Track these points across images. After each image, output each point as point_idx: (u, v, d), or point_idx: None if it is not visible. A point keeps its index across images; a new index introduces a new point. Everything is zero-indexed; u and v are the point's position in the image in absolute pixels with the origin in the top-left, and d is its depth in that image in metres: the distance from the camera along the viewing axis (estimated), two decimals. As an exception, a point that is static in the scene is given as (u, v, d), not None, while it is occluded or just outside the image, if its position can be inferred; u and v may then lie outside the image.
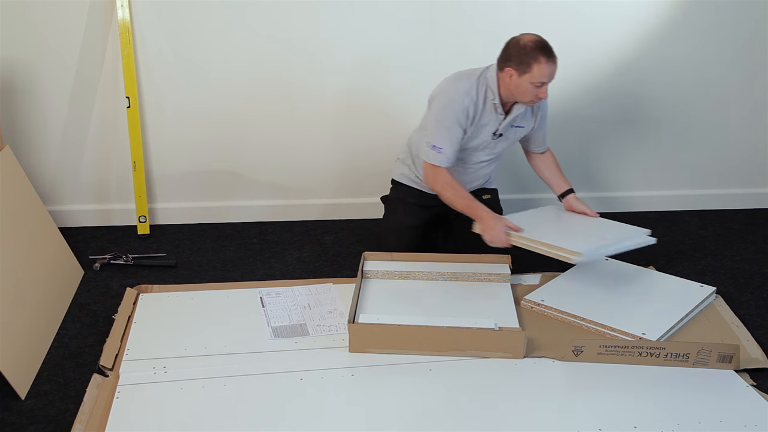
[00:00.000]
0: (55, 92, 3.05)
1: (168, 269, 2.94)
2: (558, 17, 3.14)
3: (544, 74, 2.51)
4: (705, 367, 2.31)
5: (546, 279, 2.78)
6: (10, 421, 2.09)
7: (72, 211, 3.26)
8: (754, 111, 3.45)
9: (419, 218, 2.86)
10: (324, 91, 3.18)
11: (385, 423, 2.06)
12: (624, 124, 3.41)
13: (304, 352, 2.36)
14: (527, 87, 2.54)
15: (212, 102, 3.15)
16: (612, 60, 3.26)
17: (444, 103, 2.61)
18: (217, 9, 2.99)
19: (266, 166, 3.31)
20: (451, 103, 2.60)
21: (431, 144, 2.62)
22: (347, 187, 3.38)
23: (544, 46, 2.50)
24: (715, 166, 3.56)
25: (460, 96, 2.59)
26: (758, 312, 2.72)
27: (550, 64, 2.51)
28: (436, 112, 2.63)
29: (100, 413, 2.06)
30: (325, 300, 2.66)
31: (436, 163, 2.63)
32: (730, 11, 3.22)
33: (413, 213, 2.86)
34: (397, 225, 2.83)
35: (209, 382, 2.20)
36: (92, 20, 2.95)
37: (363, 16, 3.06)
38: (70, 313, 2.62)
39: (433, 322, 2.36)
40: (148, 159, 3.21)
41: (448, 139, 2.61)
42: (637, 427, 2.05)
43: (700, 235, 3.35)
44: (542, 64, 2.49)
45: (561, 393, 2.21)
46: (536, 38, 2.52)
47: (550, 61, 2.50)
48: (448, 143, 2.61)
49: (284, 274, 2.92)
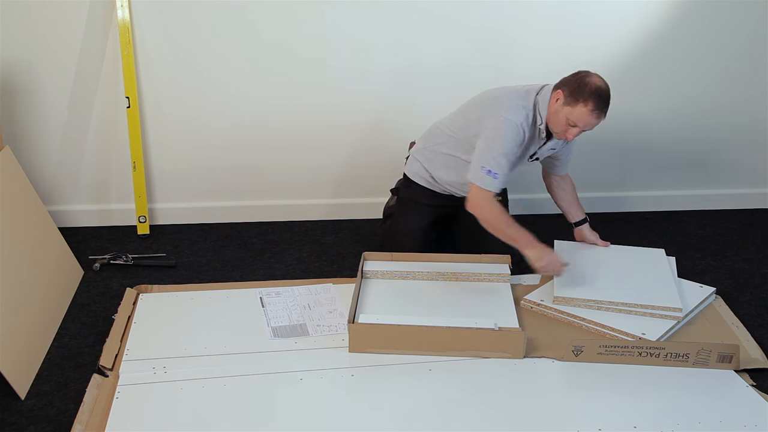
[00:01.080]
0: (55, 92, 3.05)
1: (168, 269, 2.94)
2: (558, 17, 3.14)
3: (583, 119, 2.45)
4: (705, 367, 2.31)
5: (546, 279, 2.78)
6: (10, 421, 2.09)
7: (72, 211, 3.26)
8: (754, 111, 3.45)
9: (430, 219, 2.87)
10: (324, 91, 3.18)
11: (385, 423, 2.06)
12: (624, 124, 3.41)
13: (304, 352, 2.36)
14: (563, 119, 2.48)
15: (212, 102, 3.15)
16: (612, 60, 3.25)
17: (504, 131, 2.52)
18: (218, 9, 2.99)
19: (266, 166, 3.30)
20: (511, 130, 2.52)
21: (487, 169, 2.52)
22: (347, 187, 3.37)
23: (601, 97, 2.43)
24: (715, 166, 3.56)
25: (519, 126, 2.53)
26: (758, 312, 2.72)
27: (594, 116, 2.45)
28: (493, 137, 2.53)
29: (100, 413, 2.06)
30: (325, 300, 2.66)
31: (488, 188, 2.53)
32: (730, 11, 3.22)
33: (425, 214, 2.86)
34: (411, 228, 2.83)
35: (209, 382, 2.20)
36: (92, 20, 2.95)
37: (363, 17, 3.06)
38: (70, 313, 2.62)
39: (433, 322, 2.36)
40: (148, 159, 3.21)
41: (506, 166, 2.54)
42: (637, 427, 2.05)
43: (700, 235, 3.35)
44: (588, 108, 2.43)
45: (561, 393, 2.21)
46: (602, 85, 2.46)
47: (596, 112, 2.44)
48: (505, 170, 2.54)
49: (284, 274, 2.92)
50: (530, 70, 3.24)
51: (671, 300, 2.53)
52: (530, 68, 3.23)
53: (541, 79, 3.24)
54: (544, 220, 3.42)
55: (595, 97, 2.43)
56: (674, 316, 2.48)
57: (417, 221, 2.84)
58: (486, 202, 2.54)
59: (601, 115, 2.47)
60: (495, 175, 2.52)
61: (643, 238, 3.28)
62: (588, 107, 2.43)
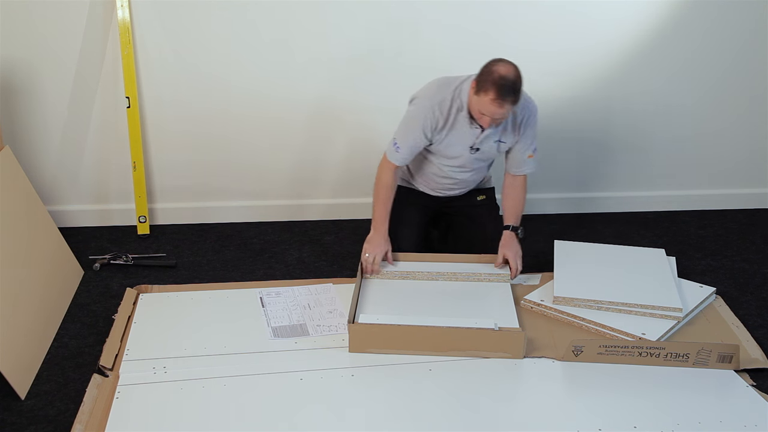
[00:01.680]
0: (55, 92, 3.05)
1: (168, 269, 2.94)
2: (557, 17, 3.14)
3: (486, 108, 2.42)
4: (705, 367, 2.31)
5: (546, 279, 2.78)
6: (10, 421, 2.09)
7: (72, 211, 3.26)
8: (754, 111, 3.45)
9: (421, 216, 2.87)
10: (325, 92, 3.18)
11: (385, 423, 2.06)
12: (624, 124, 3.41)
13: (304, 352, 2.36)
14: (474, 108, 2.49)
15: (212, 102, 3.15)
16: (612, 60, 3.25)
17: (417, 109, 2.61)
18: (218, 9, 2.99)
19: (266, 166, 3.30)
20: (422, 110, 2.59)
21: (394, 140, 2.66)
22: (347, 187, 3.37)
23: (503, 86, 2.37)
24: (714, 166, 3.56)
25: (432, 106, 2.58)
26: (758, 312, 2.71)
27: (496, 105, 2.40)
28: (409, 114, 2.65)
29: (100, 413, 2.06)
30: (325, 300, 2.66)
31: (390, 157, 2.68)
32: (730, 11, 3.22)
33: (414, 212, 2.87)
34: (403, 228, 2.83)
35: (209, 382, 2.20)
36: (92, 20, 2.95)
37: (366, 18, 3.06)
38: (70, 313, 2.62)
39: (433, 322, 2.36)
40: (148, 159, 3.21)
41: (408, 142, 2.63)
42: (637, 427, 2.05)
43: (700, 235, 3.35)
44: (489, 98, 2.39)
45: (561, 393, 2.21)
46: (506, 73, 2.39)
47: (497, 101, 2.39)
48: (406, 146, 2.63)
49: (284, 274, 2.92)
50: (530, 70, 3.23)
51: (671, 300, 2.53)
52: (531, 68, 3.22)
53: (541, 78, 3.27)
54: (542, 220, 3.43)
55: (496, 86, 2.38)
56: (674, 316, 2.48)
57: (407, 220, 2.84)
58: (381, 169, 2.71)
59: (504, 104, 2.40)
60: (398, 147, 2.65)
61: (643, 238, 3.28)
62: (489, 96, 2.39)
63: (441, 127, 2.60)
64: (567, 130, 3.38)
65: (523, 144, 2.69)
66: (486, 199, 2.90)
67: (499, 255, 2.70)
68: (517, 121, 2.64)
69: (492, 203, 2.91)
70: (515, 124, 2.65)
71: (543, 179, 3.46)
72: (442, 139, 2.64)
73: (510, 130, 2.65)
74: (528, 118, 2.64)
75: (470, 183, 2.85)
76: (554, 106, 3.32)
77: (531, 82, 3.23)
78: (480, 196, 2.90)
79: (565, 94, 3.30)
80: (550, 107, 3.31)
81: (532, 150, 2.71)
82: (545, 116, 3.32)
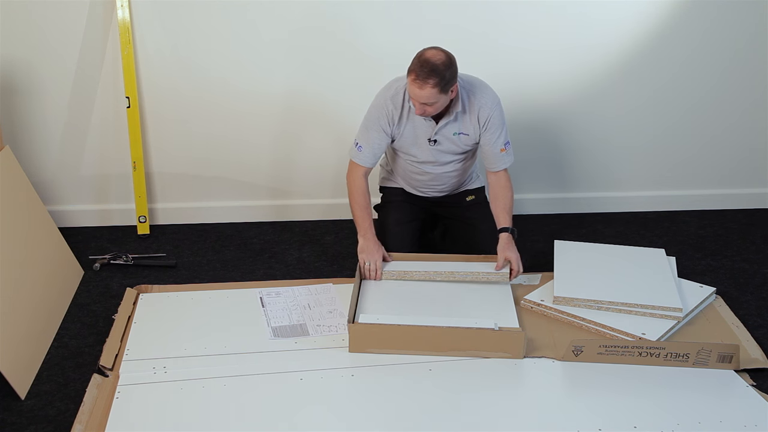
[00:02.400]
0: (55, 92, 3.05)
1: (168, 269, 2.94)
2: (557, 17, 3.14)
3: (410, 89, 2.47)
4: (705, 367, 2.31)
5: (546, 279, 2.78)
6: (10, 421, 2.09)
7: (72, 211, 3.26)
8: (754, 111, 3.45)
9: (411, 214, 2.88)
10: (325, 91, 3.18)
11: (385, 423, 2.06)
12: (623, 124, 3.41)
13: (304, 352, 2.36)
14: (410, 95, 2.52)
15: (212, 102, 3.15)
16: (612, 60, 3.25)
17: (373, 106, 2.67)
18: (218, 9, 2.99)
19: (266, 166, 3.30)
20: (376, 108, 2.65)
21: (355, 141, 2.71)
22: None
23: (422, 66, 2.41)
24: (714, 166, 3.56)
25: (385, 100, 2.63)
26: (758, 312, 2.72)
27: (417, 86, 2.43)
28: (367, 113, 2.69)
29: (100, 413, 2.06)
30: (325, 300, 2.66)
31: (354, 159, 2.72)
32: (730, 11, 3.22)
33: (404, 210, 2.87)
34: (392, 225, 2.83)
35: (209, 382, 2.20)
36: (92, 20, 2.95)
37: (366, 19, 3.06)
38: (70, 313, 2.62)
39: (433, 322, 2.36)
40: (148, 159, 3.21)
41: (368, 140, 2.67)
42: (637, 427, 2.05)
43: (700, 235, 3.35)
44: (411, 79, 2.44)
45: (561, 393, 2.21)
46: (430, 56, 2.43)
47: (417, 81, 2.42)
48: (368, 144, 2.67)
49: (284, 274, 2.92)
50: (531, 70, 3.24)
51: (671, 300, 2.53)
52: (531, 68, 3.23)
53: (542, 78, 3.27)
54: (537, 220, 3.43)
55: (417, 67, 2.43)
56: (674, 316, 2.48)
57: (396, 218, 2.85)
58: (350, 174, 2.75)
59: (424, 85, 2.42)
60: (359, 147, 2.70)
61: (643, 238, 3.28)
62: (411, 77, 2.45)
63: (398, 120, 2.65)
64: (567, 130, 3.38)
65: (490, 138, 2.68)
66: (476, 198, 2.90)
67: (500, 258, 2.68)
68: (474, 110, 2.64)
69: (483, 202, 2.90)
70: (472, 114, 2.64)
71: (543, 179, 3.47)
72: (401, 133, 2.68)
73: (468, 121, 2.66)
74: (491, 111, 2.64)
75: (450, 180, 2.84)
76: (554, 106, 3.32)
77: (531, 81, 3.26)
78: (469, 197, 2.90)
79: (564, 94, 3.30)
80: (550, 107, 3.32)
81: (503, 144, 2.70)
82: (545, 116, 3.34)
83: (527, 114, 3.31)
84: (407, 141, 2.71)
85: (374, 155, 2.70)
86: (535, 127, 3.35)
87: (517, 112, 3.28)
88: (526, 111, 3.30)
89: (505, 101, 3.27)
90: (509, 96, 3.25)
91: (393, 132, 2.68)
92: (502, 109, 2.68)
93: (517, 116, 3.28)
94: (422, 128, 2.67)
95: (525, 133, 3.33)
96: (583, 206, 3.53)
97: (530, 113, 3.32)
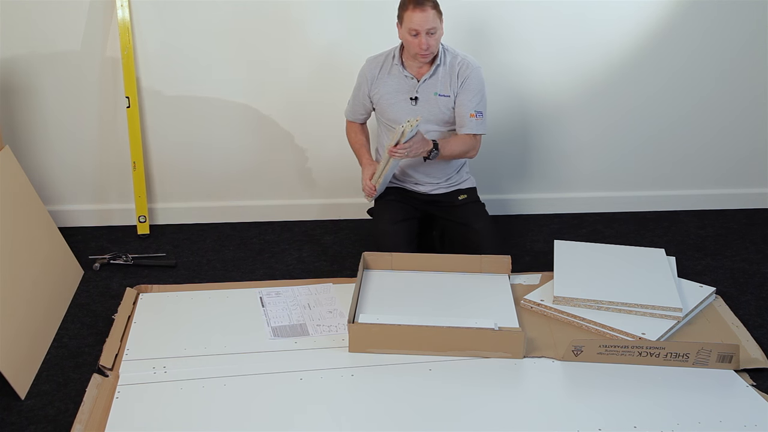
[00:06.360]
0: (55, 92, 3.05)
1: (168, 269, 2.94)
2: (557, 17, 3.14)
3: (414, 21, 2.56)
4: (705, 367, 2.31)
5: (546, 279, 2.78)
6: (10, 421, 2.09)
7: (72, 211, 3.26)
8: (754, 111, 3.45)
9: (405, 213, 2.87)
10: (325, 91, 3.18)
11: (384, 423, 2.06)
12: (623, 124, 3.41)
13: (304, 352, 2.36)
14: (408, 39, 2.62)
15: (212, 102, 3.15)
16: (612, 60, 3.26)
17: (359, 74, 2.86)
18: (217, 9, 2.99)
19: (266, 165, 3.30)
20: (361, 72, 2.84)
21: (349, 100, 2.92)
22: (347, 187, 3.37)
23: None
24: (714, 166, 3.56)
25: (368, 65, 2.81)
26: (758, 312, 2.71)
27: (418, 11, 2.54)
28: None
29: (100, 413, 2.06)
30: (325, 300, 2.66)
31: (344, 113, 2.96)
32: (730, 11, 3.22)
33: (398, 209, 2.87)
34: (386, 224, 2.83)
35: (209, 382, 2.20)
36: (92, 20, 2.95)
37: (366, 19, 3.06)
38: (70, 313, 2.62)
39: (433, 322, 2.36)
40: (148, 159, 3.21)
41: (356, 99, 2.88)
42: (637, 427, 2.05)
43: (700, 235, 3.35)
44: (410, 11, 2.56)
45: (561, 393, 2.21)
46: None
47: (417, 8, 2.55)
48: (353, 99, 2.89)
49: (284, 274, 2.93)
50: (530, 70, 3.24)
51: (671, 300, 2.53)
52: (531, 68, 3.23)
53: (542, 78, 3.27)
54: (537, 220, 3.43)
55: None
56: (674, 316, 2.48)
57: (391, 216, 2.84)
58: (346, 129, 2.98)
59: (425, 7, 2.55)
60: (348, 103, 2.93)
61: (643, 238, 3.28)
62: (409, 10, 2.57)
63: (377, 76, 2.78)
64: (567, 130, 3.38)
65: (463, 98, 2.73)
66: (468, 197, 2.89)
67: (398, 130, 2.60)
68: (455, 69, 2.72)
69: (475, 200, 2.91)
70: (453, 73, 2.72)
71: (543, 179, 3.47)
72: (381, 93, 2.77)
73: (448, 82, 2.73)
74: (470, 71, 2.72)
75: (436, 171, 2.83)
76: (554, 106, 3.32)
77: (531, 81, 3.26)
78: (461, 196, 2.90)
79: (564, 93, 3.30)
80: (550, 107, 3.32)
81: (474, 110, 2.73)
82: (545, 116, 3.34)
83: (527, 114, 3.31)
84: (387, 101, 2.77)
85: (356, 111, 2.90)
86: (535, 126, 3.35)
87: (517, 112, 3.28)
88: (526, 110, 3.31)
89: (505, 101, 3.29)
90: (509, 95, 3.27)
91: (372, 90, 2.79)
92: (483, 80, 2.75)
93: (516, 116, 3.28)
94: (403, 85, 2.75)
95: (525, 133, 3.33)
96: (583, 206, 3.53)
97: (530, 113, 3.32)
